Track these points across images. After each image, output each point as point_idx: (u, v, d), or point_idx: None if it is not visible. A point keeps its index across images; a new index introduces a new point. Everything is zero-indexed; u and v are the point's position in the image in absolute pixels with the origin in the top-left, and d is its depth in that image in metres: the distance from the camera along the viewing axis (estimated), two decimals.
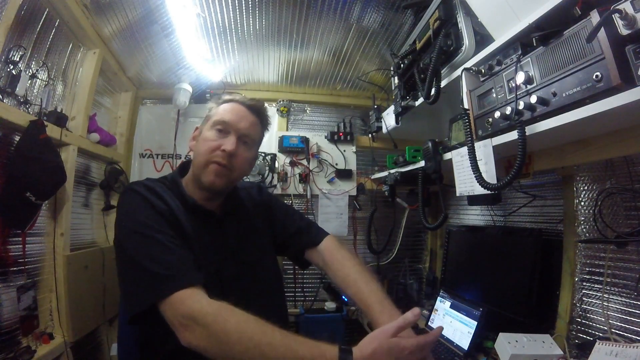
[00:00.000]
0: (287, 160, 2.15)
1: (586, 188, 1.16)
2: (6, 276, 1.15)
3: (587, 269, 1.14)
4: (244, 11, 1.52)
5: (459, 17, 1.12)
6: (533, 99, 0.81)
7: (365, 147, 2.22)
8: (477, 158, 0.97)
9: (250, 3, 1.48)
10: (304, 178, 2.13)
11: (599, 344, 0.92)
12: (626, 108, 0.62)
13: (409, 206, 1.96)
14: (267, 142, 2.08)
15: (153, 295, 0.71)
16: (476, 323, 1.28)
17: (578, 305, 1.16)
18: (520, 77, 0.85)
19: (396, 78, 1.60)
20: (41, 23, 1.33)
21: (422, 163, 1.35)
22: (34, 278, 1.28)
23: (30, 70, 1.29)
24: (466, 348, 1.26)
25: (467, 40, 1.10)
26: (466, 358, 1.25)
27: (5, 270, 1.14)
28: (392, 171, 1.70)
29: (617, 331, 1.02)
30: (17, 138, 1.18)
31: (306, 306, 2.02)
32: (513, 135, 0.86)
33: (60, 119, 1.37)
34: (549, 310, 1.24)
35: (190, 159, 0.98)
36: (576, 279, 1.17)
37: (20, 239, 1.20)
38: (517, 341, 1.08)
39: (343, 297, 1.93)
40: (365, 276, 0.92)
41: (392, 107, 1.68)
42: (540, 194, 1.39)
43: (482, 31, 1.07)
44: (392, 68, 1.66)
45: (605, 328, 1.05)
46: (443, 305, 1.51)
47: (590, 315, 1.12)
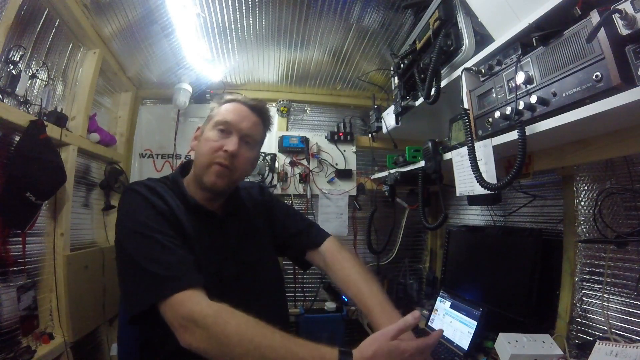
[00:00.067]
0: (287, 160, 2.15)
1: (586, 188, 1.16)
2: (6, 276, 1.15)
3: (587, 269, 1.14)
4: (244, 11, 1.52)
5: (459, 17, 1.12)
6: (533, 99, 0.81)
7: (365, 147, 2.22)
8: (477, 158, 0.97)
9: (250, 3, 1.48)
10: (304, 178, 2.13)
11: (599, 344, 0.92)
12: (626, 108, 0.62)
13: (409, 206, 1.96)
14: (267, 142, 2.05)
15: (153, 296, 0.71)
16: (476, 323, 1.28)
17: (578, 305, 1.16)
18: (520, 77, 0.85)
19: (396, 78, 1.60)
20: (41, 23, 1.33)
21: (422, 163, 1.35)
22: (34, 278, 1.28)
23: (30, 70, 1.29)
24: (466, 348, 1.26)
25: (467, 40, 1.10)
26: (466, 358, 1.24)
27: (5, 270, 1.14)
28: (392, 171, 1.70)
29: (617, 331, 1.02)
30: (17, 138, 1.18)
31: (306, 306, 2.02)
32: (513, 135, 0.86)
33: (60, 119, 1.37)
34: (549, 310, 1.24)
35: (191, 159, 0.98)
36: (576, 279, 1.17)
37: (20, 239, 1.20)
38: (517, 341, 1.08)
39: (343, 297, 1.94)
40: (366, 278, 0.92)
41: (392, 107, 1.68)
42: (540, 194, 1.39)
43: (482, 31, 1.07)
44: (392, 68, 1.66)
45: (605, 328, 1.05)
46: (443, 305, 1.51)
47: (590, 315, 1.12)
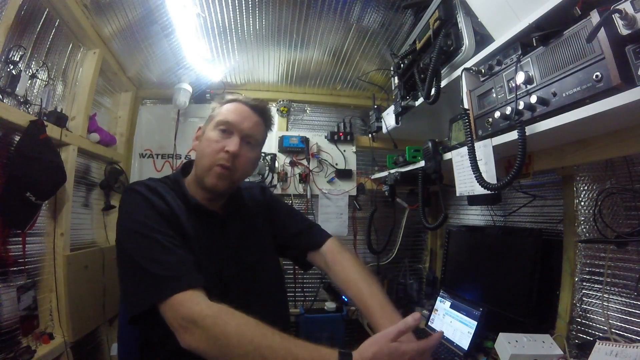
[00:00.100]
0: (287, 160, 2.15)
1: (586, 188, 1.16)
2: (6, 276, 1.15)
3: (587, 269, 1.14)
4: (244, 11, 1.52)
5: (459, 17, 1.12)
6: (533, 99, 0.81)
7: (365, 147, 2.22)
8: (477, 158, 0.97)
9: (250, 3, 1.48)
10: (304, 178, 2.13)
11: (599, 344, 0.92)
12: (626, 108, 0.62)
13: (409, 206, 1.96)
14: (267, 142, 2.03)
15: (153, 296, 0.71)
16: (476, 323, 1.28)
17: (578, 305, 1.16)
18: (520, 77, 0.85)
19: (396, 78, 1.60)
20: (41, 23, 1.33)
21: (422, 163, 1.35)
22: (34, 278, 1.28)
23: (30, 70, 1.29)
24: (466, 348, 1.26)
25: (467, 40, 1.10)
26: (466, 358, 1.24)
27: (5, 270, 1.14)
28: (392, 171, 1.70)
29: (617, 331, 1.02)
30: (17, 138, 1.18)
31: (306, 306, 2.02)
32: (513, 135, 0.86)
33: (60, 119, 1.37)
34: (549, 310, 1.24)
35: (192, 159, 0.98)
36: (576, 279, 1.17)
37: (20, 239, 1.20)
38: (517, 341, 1.08)
39: (343, 297, 1.94)
40: (366, 279, 0.91)
41: (392, 107, 1.68)
42: (540, 194, 1.39)
43: (482, 31, 1.06)
44: (392, 68, 1.66)
45: (605, 328, 1.05)
46: (443, 305, 1.51)
47: (590, 315, 1.12)
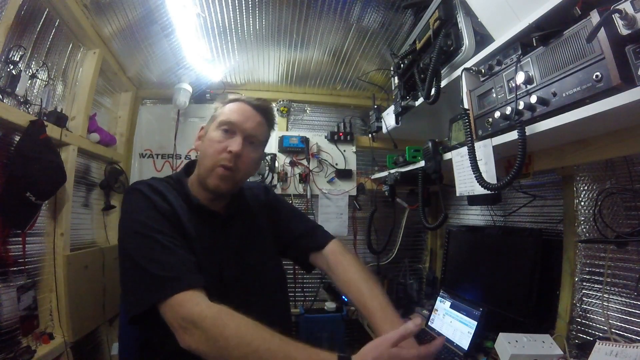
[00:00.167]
0: (287, 160, 2.15)
1: (586, 188, 1.16)
2: (6, 276, 1.15)
3: (587, 269, 1.14)
4: (244, 11, 1.52)
5: (459, 17, 1.12)
6: (533, 99, 0.81)
7: (365, 147, 2.23)
8: (477, 158, 0.97)
9: (250, 3, 1.48)
10: (304, 178, 2.13)
11: (599, 344, 0.92)
12: (626, 108, 0.62)
13: (409, 206, 1.96)
14: (267, 142, 2.08)
15: (153, 296, 0.71)
16: (476, 323, 1.28)
17: (578, 305, 1.16)
18: (520, 77, 0.85)
19: (396, 78, 1.60)
20: (41, 23, 1.33)
21: (422, 163, 1.35)
22: (34, 278, 1.28)
23: (30, 70, 1.29)
24: (466, 348, 1.26)
25: (467, 40, 1.10)
26: (466, 358, 1.24)
27: (5, 270, 1.14)
28: (392, 171, 1.70)
29: (617, 331, 1.02)
30: (17, 138, 1.18)
31: (306, 306, 2.02)
32: (513, 135, 0.86)
33: (60, 119, 1.37)
34: (549, 310, 1.24)
35: (195, 159, 0.98)
36: (576, 279, 1.17)
37: (20, 239, 1.20)
38: (517, 341, 1.08)
39: (343, 297, 1.93)
40: (368, 282, 0.90)
41: (392, 107, 1.68)
42: (540, 194, 1.39)
43: (482, 31, 1.06)
44: (392, 68, 1.66)
45: (605, 328, 1.05)
46: (443, 305, 1.51)
47: (590, 315, 1.12)
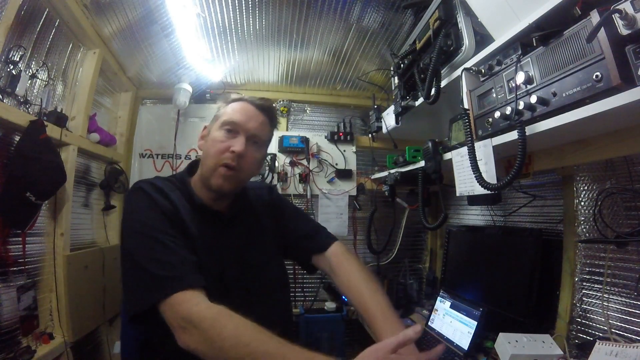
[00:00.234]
0: (287, 160, 2.15)
1: (586, 188, 1.16)
2: (6, 276, 1.15)
3: (587, 269, 1.14)
4: (244, 11, 1.52)
5: (459, 17, 1.12)
6: (533, 99, 0.81)
7: (365, 147, 2.23)
8: (477, 158, 0.97)
9: (250, 3, 1.48)
10: (304, 178, 2.13)
11: (599, 344, 0.92)
12: (626, 108, 0.62)
13: (409, 206, 1.96)
14: None
15: (153, 296, 0.72)
16: (476, 323, 1.28)
17: (578, 305, 1.16)
18: (520, 77, 0.85)
19: (396, 78, 1.60)
20: (41, 23, 1.33)
21: (422, 163, 1.35)
22: (34, 278, 1.28)
23: (30, 70, 1.29)
24: (466, 348, 1.26)
25: (467, 40, 1.10)
26: (466, 358, 1.24)
27: (5, 270, 1.14)
28: (392, 171, 1.70)
29: (617, 331, 1.02)
30: (17, 138, 1.18)
31: (306, 306, 2.02)
32: (513, 135, 0.86)
33: (60, 119, 1.37)
34: (549, 310, 1.24)
35: (198, 159, 0.98)
36: (576, 279, 1.17)
37: (20, 239, 1.20)
38: (517, 341, 1.08)
39: (343, 297, 1.93)
40: (370, 286, 0.90)
41: (392, 107, 1.68)
42: (540, 194, 1.39)
43: (482, 31, 1.06)
44: (392, 68, 1.66)
45: (605, 328, 1.05)
46: (443, 305, 1.51)
47: (590, 315, 1.12)
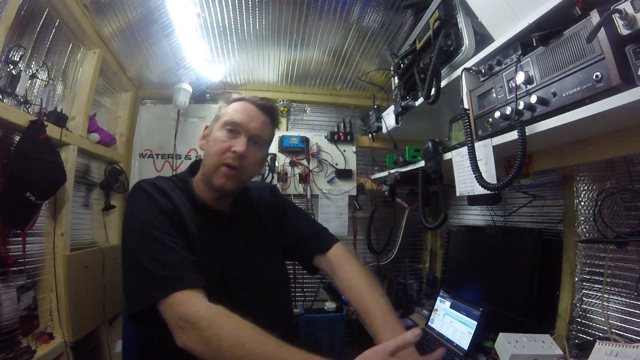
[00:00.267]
0: (287, 160, 2.15)
1: (586, 188, 1.16)
2: (6, 276, 1.15)
3: (587, 269, 1.14)
4: (244, 11, 1.52)
5: (459, 17, 1.12)
6: (533, 99, 0.81)
7: (365, 147, 2.23)
8: (477, 158, 0.97)
9: (250, 3, 1.48)
10: (304, 178, 2.13)
11: (599, 344, 0.92)
12: (626, 108, 0.62)
13: (409, 206, 1.96)
14: None
15: (152, 295, 0.72)
16: (476, 323, 1.28)
17: (578, 305, 1.16)
18: (520, 77, 0.85)
19: (396, 78, 1.60)
20: (41, 23, 1.33)
21: (422, 163, 1.35)
22: (34, 278, 1.28)
23: (30, 70, 1.29)
24: (466, 348, 1.26)
25: (467, 40, 1.10)
26: (466, 358, 1.24)
27: (5, 270, 1.14)
28: (392, 171, 1.70)
29: (617, 331, 1.02)
30: (17, 138, 1.18)
31: (306, 306, 2.02)
32: (513, 135, 0.86)
33: (60, 119, 1.37)
34: (549, 310, 1.24)
35: (200, 159, 0.98)
36: (576, 279, 1.17)
37: (20, 239, 1.20)
38: (517, 341, 1.08)
39: (343, 297, 1.93)
40: (371, 287, 0.89)
41: (392, 107, 1.68)
42: (540, 194, 1.39)
43: (482, 31, 1.06)
44: (392, 68, 1.66)
45: (605, 328, 1.05)
46: (443, 305, 1.51)
47: (590, 315, 1.12)
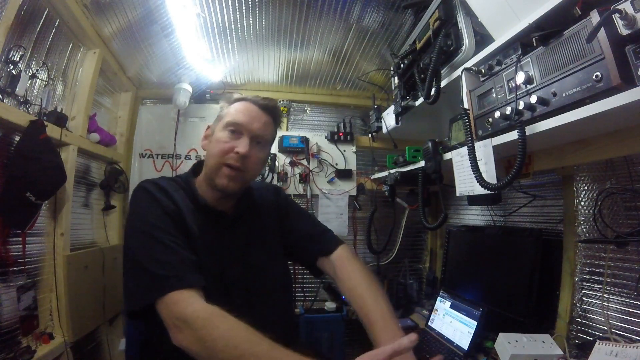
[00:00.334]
0: (287, 160, 2.15)
1: (586, 188, 1.16)
2: (6, 276, 1.15)
3: (587, 269, 1.14)
4: (244, 11, 1.52)
5: (459, 17, 1.12)
6: (533, 99, 0.81)
7: (365, 147, 2.23)
8: (477, 158, 0.97)
9: (250, 3, 1.48)
10: (304, 178, 2.13)
11: (599, 344, 0.92)
12: (626, 108, 0.62)
13: (409, 206, 1.96)
14: None
15: (150, 294, 0.73)
16: (476, 323, 1.28)
17: (578, 305, 1.16)
18: (520, 77, 0.85)
19: (396, 78, 1.60)
20: (41, 23, 1.33)
21: (422, 163, 1.35)
22: (34, 278, 1.28)
23: (30, 70, 1.29)
24: (466, 348, 1.26)
25: (467, 40, 1.10)
26: (466, 358, 1.24)
27: (5, 270, 1.14)
28: (392, 171, 1.70)
29: (617, 331, 1.02)
30: (17, 138, 1.18)
31: (306, 306, 2.02)
32: (513, 135, 0.86)
33: (60, 119, 1.37)
34: (549, 310, 1.24)
35: (203, 159, 0.98)
36: (576, 279, 1.17)
37: (20, 239, 1.20)
38: (517, 341, 1.08)
39: (343, 297, 1.93)
40: (372, 292, 0.89)
41: (392, 107, 1.68)
42: (540, 194, 1.39)
43: (482, 31, 1.06)
44: (392, 68, 1.66)
45: (605, 328, 1.05)
46: (443, 305, 1.51)
47: (590, 315, 1.12)
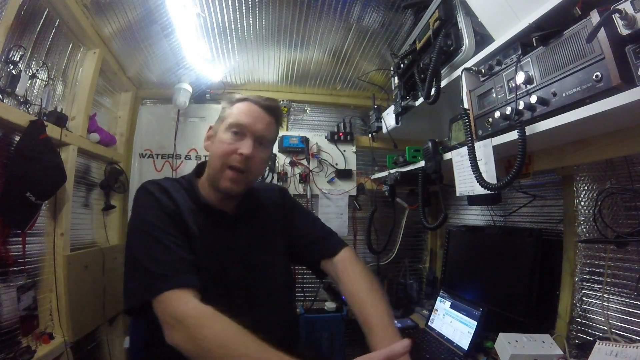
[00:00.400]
0: (287, 160, 2.15)
1: (586, 188, 1.16)
2: (6, 276, 1.15)
3: (587, 269, 1.14)
4: (244, 11, 1.52)
5: (459, 17, 1.12)
6: (533, 99, 0.81)
7: (365, 147, 2.23)
8: (477, 158, 0.97)
9: (250, 3, 1.48)
10: (304, 178, 2.13)
11: (599, 344, 0.92)
12: (626, 108, 0.62)
13: (409, 206, 1.96)
14: None
15: (146, 293, 0.74)
16: (476, 323, 1.28)
17: (578, 305, 1.16)
18: (520, 77, 0.85)
19: (396, 78, 1.60)
20: (41, 23, 1.33)
21: (422, 163, 1.35)
22: (34, 278, 1.28)
23: (30, 70, 1.29)
24: (466, 348, 1.26)
25: (467, 40, 1.10)
26: (466, 358, 1.24)
27: (5, 270, 1.14)
28: (392, 171, 1.70)
29: (617, 331, 1.02)
30: (17, 138, 1.18)
31: (306, 306, 2.02)
32: (513, 135, 0.86)
33: (60, 119, 1.37)
34: (549, 310, 1.24)
35: (205, 160, 0.99)
36: (576, 279, 1.17)
37: (20, 239, 1.20)
38: (517, 341, 1.08)
39: (343, 297, 1.93)
40: (373, 296, 0.88)
41: (392, 107, 1.69)
42: (540, 194, 1.39)
43: (482, 31, 1.06)
44: (392, 68, 1.66)
45: (605, 328, 1.05)
46: (443, 305, 1.51)
47: (590, 315, 1.12)
